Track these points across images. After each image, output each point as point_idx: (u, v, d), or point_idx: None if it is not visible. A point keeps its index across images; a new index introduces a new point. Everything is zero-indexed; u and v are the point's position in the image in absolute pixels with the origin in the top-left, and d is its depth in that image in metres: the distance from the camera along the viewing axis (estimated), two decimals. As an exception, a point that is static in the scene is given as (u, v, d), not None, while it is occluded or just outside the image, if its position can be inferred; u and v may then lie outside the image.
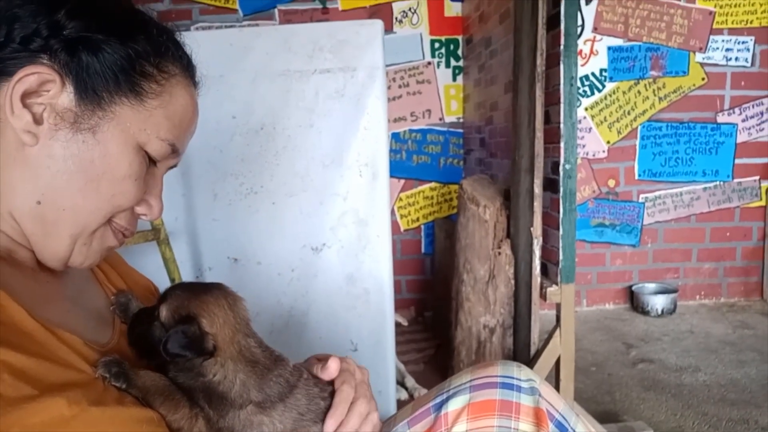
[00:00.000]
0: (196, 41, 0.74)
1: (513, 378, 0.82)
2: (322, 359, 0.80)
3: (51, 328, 0.60)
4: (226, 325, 0.70)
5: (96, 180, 0.63)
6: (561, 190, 1.90)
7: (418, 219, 3.52)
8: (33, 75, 0.59)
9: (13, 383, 0.52)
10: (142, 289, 0.87)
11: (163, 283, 0.91)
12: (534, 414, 0.80)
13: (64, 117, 0.61)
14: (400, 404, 2.05)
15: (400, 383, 2.34)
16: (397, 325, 2.02)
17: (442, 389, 0.86)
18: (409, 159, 3.47)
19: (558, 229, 1.92)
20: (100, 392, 0.60)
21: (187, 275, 1.85)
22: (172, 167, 0.73)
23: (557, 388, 1.96)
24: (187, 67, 0.70)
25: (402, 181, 3.47)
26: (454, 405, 0.82)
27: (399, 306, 3.15)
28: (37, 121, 0.60)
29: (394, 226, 3.42)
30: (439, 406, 0.83)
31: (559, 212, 1.91)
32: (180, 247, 1.85)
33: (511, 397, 0.81)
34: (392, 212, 3.44)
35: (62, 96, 0.60)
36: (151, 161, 0.67)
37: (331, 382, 0.79)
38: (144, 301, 0.79)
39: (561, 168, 1.89)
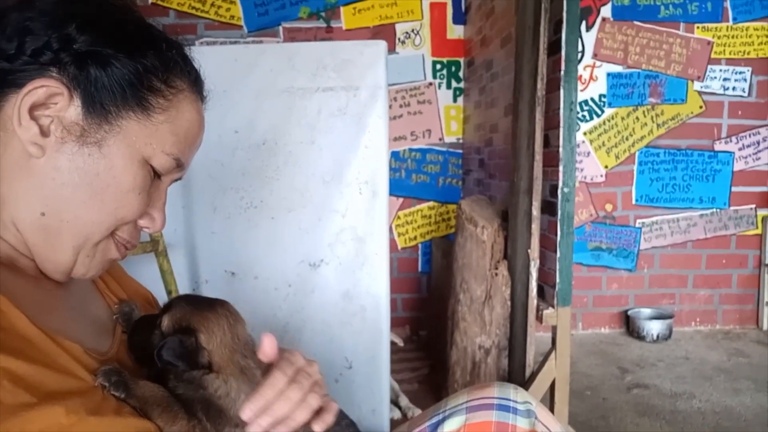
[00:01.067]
0: (201, 56, 0.75)
1: (509, 400, 0.82)
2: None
3: (52, 335, 0.61)
4: (223, 344, 0.70)
5: (100, 193, 0.63)
6: (559, 213, 1.91)
7: (415, 237, 3.53)
8: (42, 88, 0.59)
9: (12, 390, 0.52)
10: (142, 299, 0.87)
11: (159, 295, 0.92)
12: (529, 436, 0.80)
13: (70, 130, 0.61)
14: (394, 423, 2.03)
15: (394, 402, 2.33)
16: (392, 344, 2.01)
17: (439, 409, 0.86)
18: (408, 178, 3.49)
19: (555, 251, 1.93)
20: (98, 401, 0.60)
21: (183, 287, 1.85)
22: (175, 180, 0.73)
23: (551, 411, 1.95)
24: (194, 83, 0.70)
25: (400, 200, 3.49)
26: (450, 426, 0.82)
27: (394, 324, 3.14)
28: (44, 133, 0.60)
29: (392, 244, 3.42)
30: (435, 427, 0.83)
31: (556, 235, 1.92)
32: (178, 259, 1.85)
33: (508, 419, 0.81)
34: (390, 230, 3.45)
35: (70, 109, 0.61)
36: (156, 175, 0.68)
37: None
38: (143, 312, 0.79)
39: (559, 191, 1.90)
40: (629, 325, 3.46)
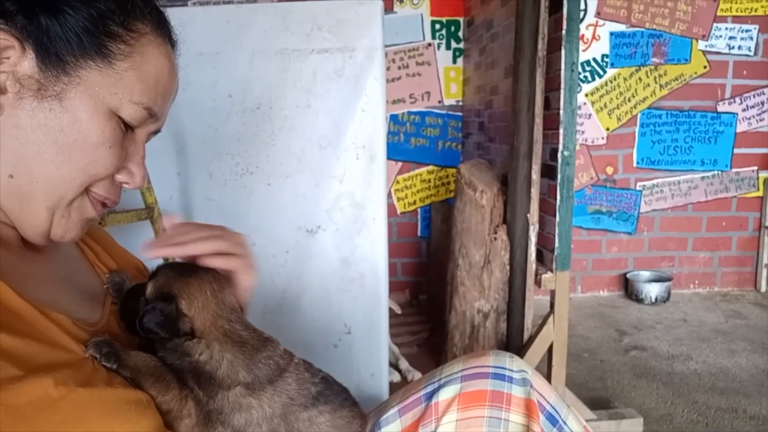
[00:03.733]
0: (193, 17, 0.71)
1: (505, 369, 0.82)
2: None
3: (39, 307, 0.59)
4: (205, 309, 0.70)
5: (67, 149, 0.60)
6: (559, 176, 1.89)
7: (414, 202, 3.51)
8: None
9: None
10: (133, 269, 0.86)
11: (156, 263, 0.90)
12: (525, 405, 0.80)
13: (27, 85, 0.58)
14: (393, 386, 2.06)
15: (394, 366, 2.35)
16: (390, 311, 2.02)
17: (434, 378, 0.85)
18: (407, 141, 3.45)
19: (555, 215, 1.91)
20: (88, 373, 0.59)
21: (181, 255, 1.84)
22: (154, 133, 0.70)
23: (549, 374, 1.96)
24: (158, 25, 0.66)
25: (399, 164, 3.45)
26: (445, 394, 0.82)
27: (394, 289, 3.15)
28: (0, 90, 0.57)
29: (391, 208, 3.41)
30: (431, 395, 0.83)
31: (556, 199, 1.90)
32: (174, 227, 1.84)
33: (503, 388, 0.80)
34: (389, 195, 3.43)
35: (24, 63, 0.57)
36: (128, 127, 0.64)
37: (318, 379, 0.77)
38: (135, 281, 0.78)
39: (559, 154, 1.87)
40: (628, 288, 3.47)
